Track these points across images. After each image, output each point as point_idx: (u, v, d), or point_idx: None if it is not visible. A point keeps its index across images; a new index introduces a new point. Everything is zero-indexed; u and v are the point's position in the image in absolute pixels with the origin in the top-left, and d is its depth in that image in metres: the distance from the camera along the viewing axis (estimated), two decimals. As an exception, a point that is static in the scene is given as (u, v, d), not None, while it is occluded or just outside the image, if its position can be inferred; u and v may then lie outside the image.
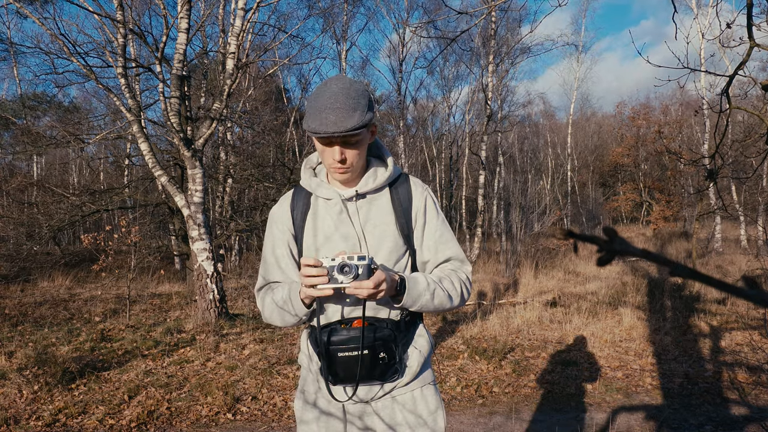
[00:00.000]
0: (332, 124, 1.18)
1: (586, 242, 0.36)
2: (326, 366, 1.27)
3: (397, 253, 1.32)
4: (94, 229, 14.40)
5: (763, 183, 16.69)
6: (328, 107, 1.20)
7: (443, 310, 1.34)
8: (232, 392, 3.70)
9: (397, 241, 1.32)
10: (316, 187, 1.36)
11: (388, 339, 1.27)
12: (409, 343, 1.35)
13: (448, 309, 1.33)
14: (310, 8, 15.96)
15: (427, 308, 1.28)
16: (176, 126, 5.89)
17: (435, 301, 1.28)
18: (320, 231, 1.34)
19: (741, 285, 0.34)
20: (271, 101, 16.85)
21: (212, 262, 6.10)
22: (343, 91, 1.21)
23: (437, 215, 1.38)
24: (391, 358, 1.27)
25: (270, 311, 1.35)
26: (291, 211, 1.39)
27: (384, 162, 1.40)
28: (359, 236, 1.31)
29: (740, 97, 4.06)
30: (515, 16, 15.12)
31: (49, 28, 5.64)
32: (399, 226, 1.33)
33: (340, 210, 1.33)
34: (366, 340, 1.24)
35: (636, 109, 26.00)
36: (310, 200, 1.38)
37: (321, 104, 1.21)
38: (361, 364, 1.24)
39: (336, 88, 1.22)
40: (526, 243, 11.67)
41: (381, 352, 1.25)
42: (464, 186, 22.01)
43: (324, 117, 1.19)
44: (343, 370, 1.26)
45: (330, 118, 1.19)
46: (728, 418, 3.30)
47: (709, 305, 6.57)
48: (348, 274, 1.18)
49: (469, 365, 4.47)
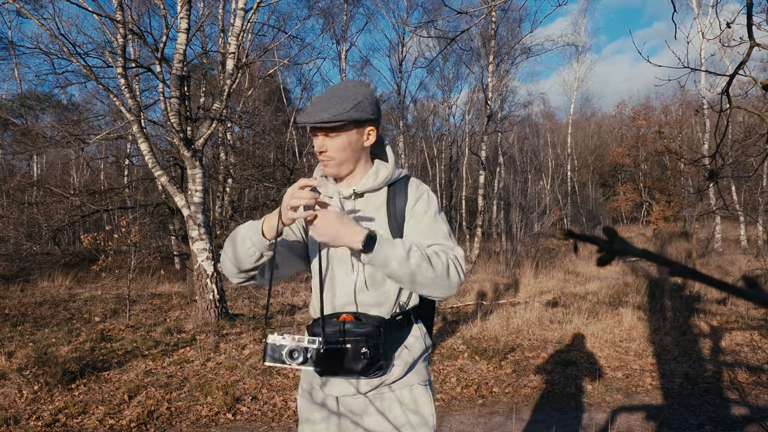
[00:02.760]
0: (307, 115, 1.27)
1: (586, 242, 0.36)
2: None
3: None
4: (94, 229, 14.41)
5: (763, 183, 16.69)
6: (315, 100, 1.29)
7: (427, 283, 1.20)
8: (232, 392, 3.70)
9: None
10: (323, 186, 1.43)
11: (372, 335, 1.27)
12: (400, 342, 1.35)
13: (432, 282, 1.20)
14: (310, 8, 15.97)
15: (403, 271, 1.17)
16: (176, 126, 5.89)
17: (411, 260, 1.17)
18: None
19: (741, 285, 0.34)
20: (271, 101, 16.86)
21: (212, 262, 6.10)
22: (338, 88, 1.29)
23: (426, 212, 1.36)
24: (375, 355, 1.27)
25: (225, 251, 1.33)
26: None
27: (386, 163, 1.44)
28: None
29: (740, 96, 4.06)
30: (515, 16, 15.12)
31: (48, 29, 5.64)
32: (391, 226, 1.35)
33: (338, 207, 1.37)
34: (349, 334, 1.26)
35: (636, 109, 26.01)
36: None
37: (314, 98, 1.30)
38: (344, 357, 1.26)
39: (333, 87, 1.30)
40: (526, 243, 11.67)
41: (363, 347, 1.26)
42: (464, 186, 22.01)
43: (308, 108, 1.28)
44: (325, 362, 1.27)
45: (310, 109, 1.27)
46: (728, 418, 3.30)
47: (709, 305, 6.57)
48: (296, 359, 1.21)
49: (469, 365, 4.47)
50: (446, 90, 19.48)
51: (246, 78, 12.90)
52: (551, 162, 26.97)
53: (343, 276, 1.34)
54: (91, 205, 9.24)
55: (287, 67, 17.41)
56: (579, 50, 23.71)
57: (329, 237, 1.17)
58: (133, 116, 5.94)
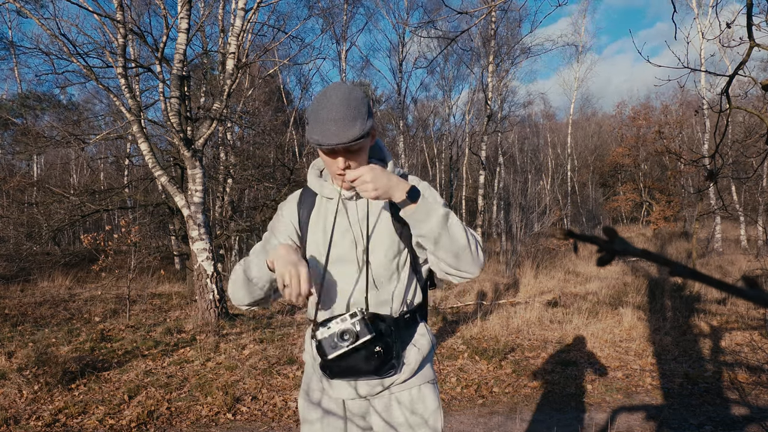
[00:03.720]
0: (334, 136, 1.19)
1: (586, 242, 0.36)
2: (322, 360, 1.28)
3: (393, 251, 1.34)
4: (94, 229, 14.41)
5: (763, 183, 16.69)
6: (329, 119, 1.20)
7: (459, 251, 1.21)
8: (232, 392, 3.70)
9: (393, 239, 1.34)
10: (320, 187, 1.40)
11: (385, 333, 1.27)
12: (408, 340, 1.36)
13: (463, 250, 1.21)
14: (310, 8, 15.97)
15: (441, 230, 1.18)
16: (176, 126, 5.89)
17: (451, 220, 1.20)
18: (320, 228, 1.39)
19: (741, 285, 0.34)
20: (271, 101, 16.85)
21: (212, 262, 6.10)
22: (343, 102, 1.21)
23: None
24: (388, 353, 1.28)
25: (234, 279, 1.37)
26: (298, 209, 1.44)
27: (385, 164, 1.42)
28: (357, 234, 1.35)
29: (740, 97, 4.06)
30: (515, 16, 15.12)
31: (49, 29, 5.64)
32: (395, 225, 1.35)
33: (340, 208, 1.36)
34: (361, 334, 1.25)
35: (636, 109, 26.01)
36: (316, 200, 1.43)
37: (322, 116, 1.21)
38: (356, 358, 1.25)
39: (336, 99, 1.22)
40: (527, 243, 11.67)
41: (377, 347, 1.26)
42: (464, 186, 22.01)
43: (326, 129, 1.20)
44: (338, 364, 1.27)
45: (331, 130, 1.20)
46: (728, 418, 3.30)
47: (709, 305, 6.57)
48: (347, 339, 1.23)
49: (469, 365, 4.47)
50: (446, 90, 19.49)
51: (246, 78, 12.90)
52: (551, 162, 26.97)
53: (350, 275, 1.33)
54: (91, 205, 9.24)
55: (287, 67, 17.41)
56: (579, 50, 23.71)
57: (383, 188, 1.17)
58: (133, 116, 5.94)
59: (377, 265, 1.32)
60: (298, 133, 15.29)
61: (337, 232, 1.35)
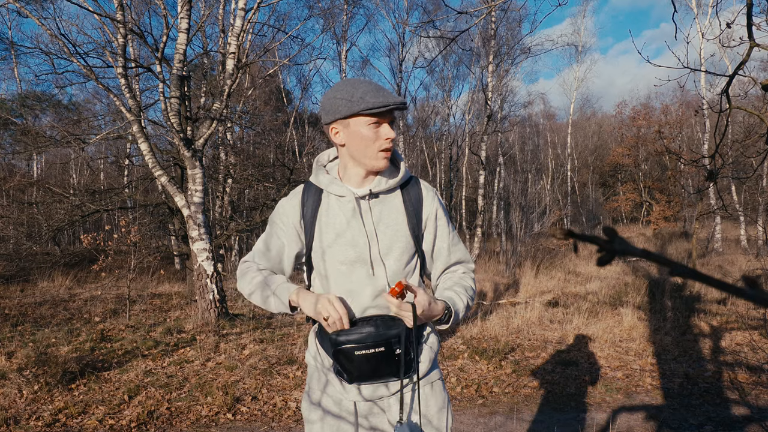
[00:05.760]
0: (391, 96, 1.24)
1: (586, 242, 0.36)
2: (341, 365, 1.27)
3: (407, 254, 1.34)
4: (94, 229, 14.41)
5: (763, 183, 16.69)
6: (374, 87, 1.25)
7: None
8: (232, 392, 3.70)
9: (408, 242, 1.33)
10: (328, 183, 1.35)
11: (403, 335, 1.27)
12: (421, 339, 1.37)
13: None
14: (310, 9, 15.97)
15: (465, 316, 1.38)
16: (176, 126, 5.89)
17: (469, 303, 1.37)
18: (331, 228, 1.33)
19: (741, 285, 0.34)
20: (271, 101, 16.85)
21: (212, 262, 6.10)
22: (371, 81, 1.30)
23: (448, 220, 1.43)
24: (407, 354, 1.28)
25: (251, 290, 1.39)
26: (302, 206, 1.38)
27: (396, 165, 1.41)
28: (371, 235, 1.31)
29: (740, 97, 4.06)
30: (515, 16, 15.11)
31: (49, 28, 5.64)
32: (410, 227, 1.34)
33: (353, 208, 1.31)
34: (381, 336, 1.25)
35: (636, 109, 26.02)
36: (321, 196, 1.37)
37: (364, 88, 1.25)
38: (378, 361, 1.25)
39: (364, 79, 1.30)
40: (527, 243, 11.67)
41: (397, 349, 1.26)
42: (464, 186, 22.01)
43: (378, 92, 1.24)
44: (359, 368, 1.26)
45: (383, 93, 1.24)
46: (728, 418, 3.30)
47: (709, 305, 6.57)
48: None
49: (469, 365, 4.46)
50: (446, 90, 19.47)
51: (246, 78, 12.90)
52: (551, 162, 26.98)
53: (365, 278, 1.31)
54: (90, 205, 9.24)
55: (287, 67, 17.41)
56: (578, 50, 23.73)
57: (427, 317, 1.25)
58: (133, 116, 5.94)
59: (391, 267, 1.31)
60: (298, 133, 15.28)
61: (350, 233, 1.31)
